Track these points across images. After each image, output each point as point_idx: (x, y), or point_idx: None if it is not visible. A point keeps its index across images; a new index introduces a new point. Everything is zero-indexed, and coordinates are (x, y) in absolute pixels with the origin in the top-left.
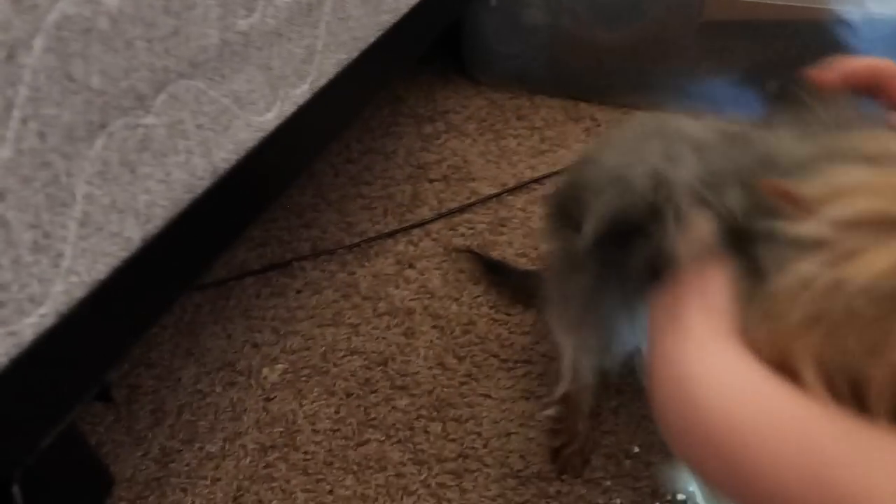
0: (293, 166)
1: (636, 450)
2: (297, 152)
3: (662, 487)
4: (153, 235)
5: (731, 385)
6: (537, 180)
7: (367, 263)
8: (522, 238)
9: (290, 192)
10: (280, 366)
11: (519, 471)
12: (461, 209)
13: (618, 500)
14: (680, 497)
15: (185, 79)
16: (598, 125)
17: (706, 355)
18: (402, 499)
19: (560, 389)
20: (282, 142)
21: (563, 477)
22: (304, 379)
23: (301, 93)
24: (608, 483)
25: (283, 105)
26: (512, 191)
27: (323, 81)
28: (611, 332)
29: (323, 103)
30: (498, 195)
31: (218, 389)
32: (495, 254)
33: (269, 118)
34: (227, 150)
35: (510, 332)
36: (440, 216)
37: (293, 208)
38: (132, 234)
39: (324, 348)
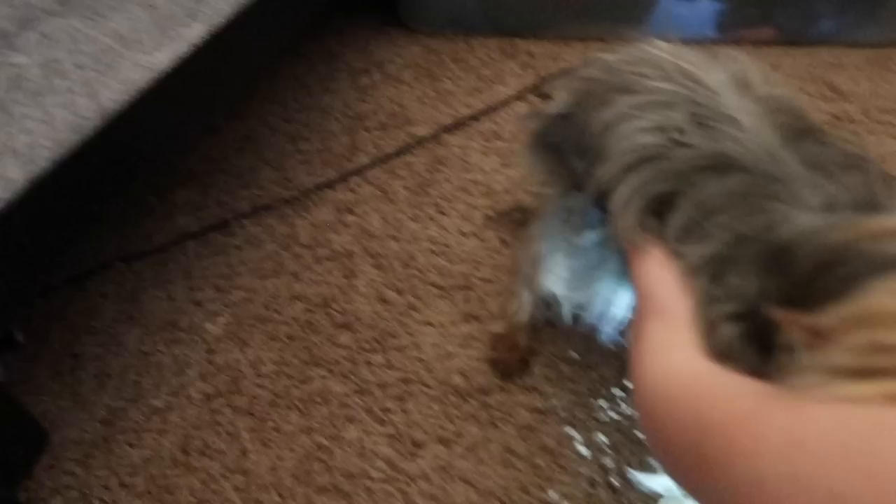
0: (203, 109)
1: (574, 355)
2: (206, 94)
3: (599, 386)
4: (40, 177)
5: (676, 377)
6: (474, 117)
7: (306, 214)
8: (460, 173)
9: (227, 154)
10: (222, 319)
11: (460, 387)
12: (398, 153)
13: (555, 402)
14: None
15: (55, 17)
16: (534, 59)
17: (660, 359)
18: (346, 427)
19: (517, 313)
20: (184, 83)
21: (503, 385)
22: (246, 329)
23: (196, 33)
24: (547, 388)
25: (175, 45)
26: (449, 129)
27: (220, 21)
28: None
29: (226, 45)
30: (435, 135)
31: (161, 348)
32: (433, 192)
33: (161, 58)
34: (115, 89)
35: (449, 263)
36: (378, 161)
37: (231, 171)
38: (14, 175)
39: (265, 298)
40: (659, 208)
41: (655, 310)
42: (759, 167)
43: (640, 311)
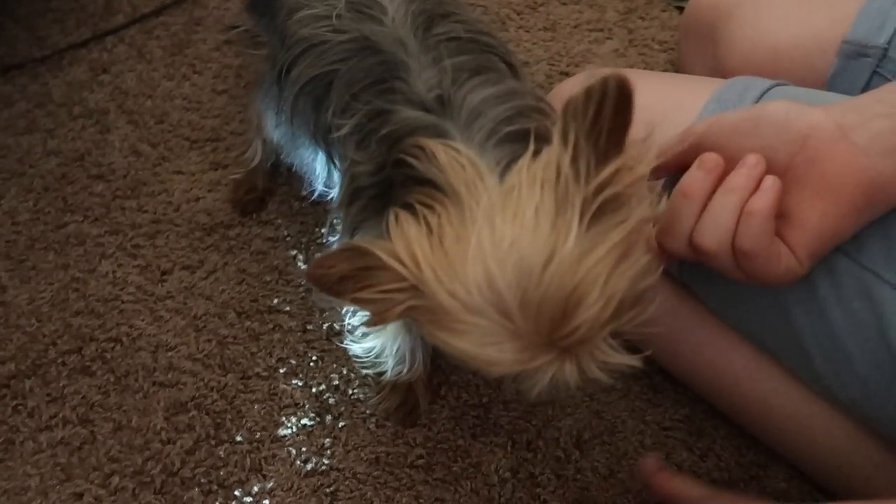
0: None
1: (304, 194)
2: None
3: (322, 217)
4: None
5: None
6: None
7: (59, 73)
8: (216, 34)
9: None
10: None
11: (205, 224)
12: (155, 13)
13: (285, 232)
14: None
15: None
16: None
17: None
18: (100, 262)
19: (252, 160)
20: None
21: (243, 220)
22: (0, 182)
23: None
24: (279, 221)
25: None
26: None
27: None
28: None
29: None
30: None
31: None
32: (189, 52)
33: None
34: None
35: (201, 118)
36: (134, 21)
37: None
38: None
39: (19, 154)
40: (322, 87)
41: None
42: (391, 51)
43: None
